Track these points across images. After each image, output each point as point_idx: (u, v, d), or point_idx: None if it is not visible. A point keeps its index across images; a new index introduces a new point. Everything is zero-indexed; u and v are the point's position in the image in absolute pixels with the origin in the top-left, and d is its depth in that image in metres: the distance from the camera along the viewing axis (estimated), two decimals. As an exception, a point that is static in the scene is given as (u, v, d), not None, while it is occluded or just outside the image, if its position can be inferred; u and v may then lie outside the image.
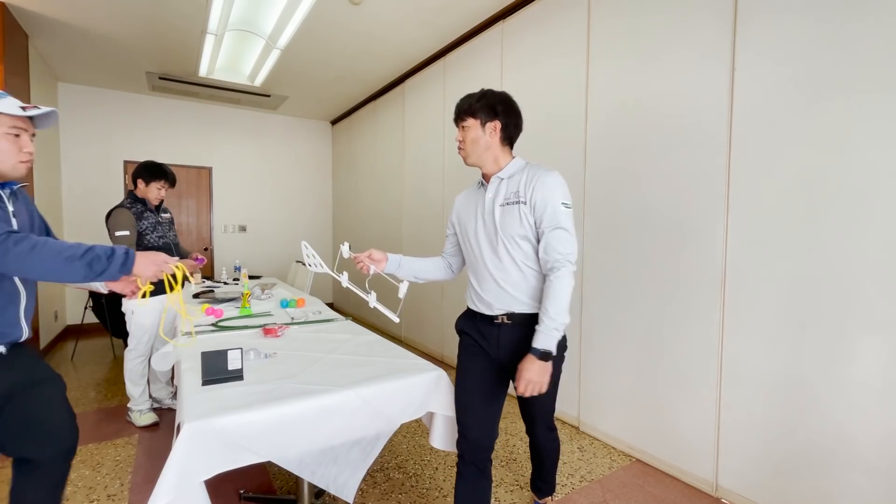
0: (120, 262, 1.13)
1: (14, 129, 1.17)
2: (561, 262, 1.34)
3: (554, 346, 1.29)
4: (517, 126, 1.46)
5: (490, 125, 1.41)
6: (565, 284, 1.32)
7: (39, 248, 1.06)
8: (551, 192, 1.35)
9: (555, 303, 1.30)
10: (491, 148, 1.44)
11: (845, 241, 1.59)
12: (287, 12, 3.14)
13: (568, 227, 1.37)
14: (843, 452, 1.60)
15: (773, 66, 1.77)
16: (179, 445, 1.13)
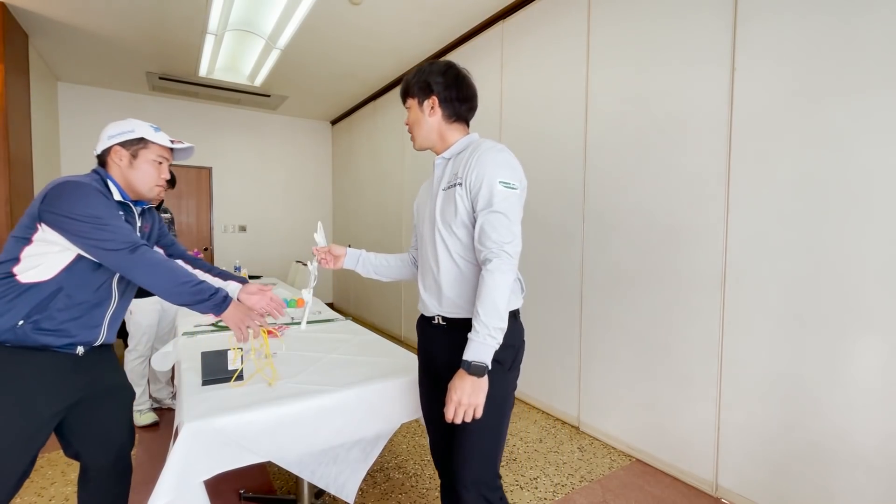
0: (215, 302, 1.26)
1: (160, 157, 1.32)
2: (494, 253, 1.07)
3: (488, 358, 1.03)
4: (463, 98, 1.25)
5: (427, 103, 1.24)
6: (499, 281, 1.05)
7: (165, 264, 1.20)
8: (487, 169, 1.11)
9: (486, 303, 1.04)
10: (435, 127, 1.26)
11: (845, 241, 1.59)
12: (287, 12, 3.14)
13: (506, 210, 1.09)
14: (844, 452, 1.60)
15: (773, 66, 1.77)
16: (179, 445, 1.13)
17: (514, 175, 1.14)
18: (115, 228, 1.16)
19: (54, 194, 1.15)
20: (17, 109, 3.38)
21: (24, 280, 1.16)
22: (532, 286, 2.96)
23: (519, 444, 2.46)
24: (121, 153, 1.28)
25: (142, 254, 1.17)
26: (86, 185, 1.18)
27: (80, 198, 1.16)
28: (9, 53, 3.17)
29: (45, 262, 1.16)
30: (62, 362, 1.21)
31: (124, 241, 1.16)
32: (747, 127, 1.85)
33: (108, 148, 1.28)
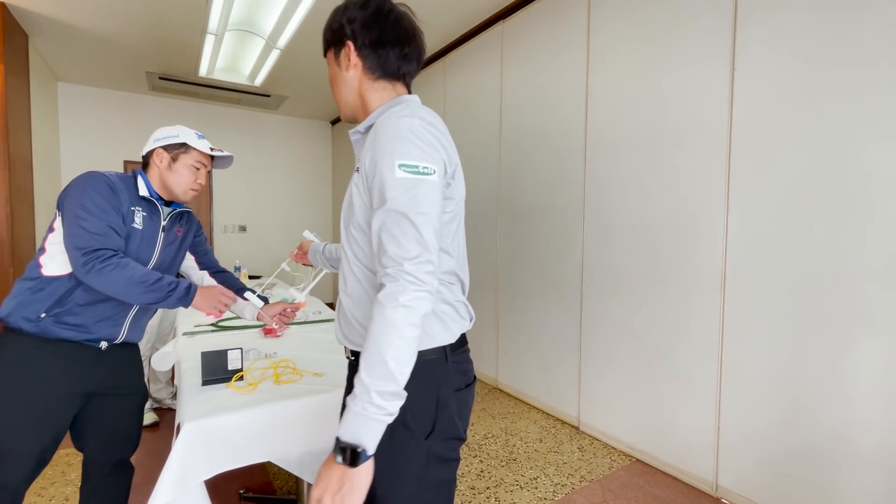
0: (179, 294, 1.24)
1: (199, 163, 1.36)
2: (389, 275, 0.72)
3: (369, 438, 0.69)
4: (391, 42, 0.87)
5: (343, 53, 0.89)
6: (390, 319, 0.69)
7: (118, 269, 1.15)
8: (382, 146, 0.76)
9: (369, 355, 0.70)
10: (356, 87, 0.90)
11: (845, 241, 1.59)
12: (287, 12, 3.13)
13: (408, 207, 0.73)
14: (844, 452, 1.60)
15: (773, 65, 1.77)
16: (179, 445, 1.13)
17: (425, 153, 0.76)
18: (90, 226, 1.15)
19: (72, 184, 1.20)
20: (17, 109, 3.38)
21: (47, 273, 1.19)
22: (532, 286, 2.96)
23: (519, 444, 2.46)
24: (162, 155, 1.33)
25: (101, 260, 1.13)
26: (95, 175, 1.21)
27: (80, 184, 1.19)
28: (9, 53, 3.17)
29: (61, 253, 1.19)
30: (84, 353, 1.24)
31: (85, 245, 1.14)
32: (747, 127, 1.85)
33: (153, 150, 1.35)
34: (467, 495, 1.98)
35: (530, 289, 2.98)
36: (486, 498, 1.97)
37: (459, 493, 2.00)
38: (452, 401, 0.85)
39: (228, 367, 1.44)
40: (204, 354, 1.44)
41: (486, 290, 3.37)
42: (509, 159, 3.12)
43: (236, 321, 2.29)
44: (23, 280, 1.21)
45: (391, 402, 0.69)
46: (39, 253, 1.22)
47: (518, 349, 3.10)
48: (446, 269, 0.87)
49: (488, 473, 2.16)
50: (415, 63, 0.92)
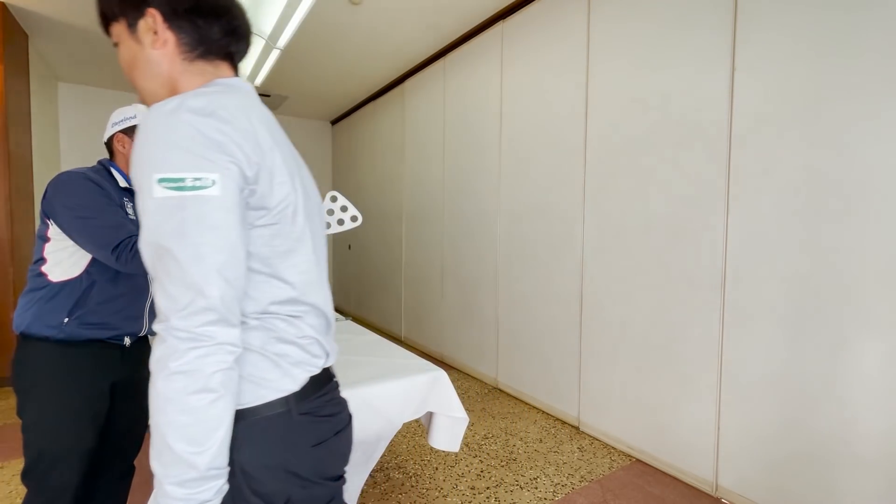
0: None
1: None
2: (159, 335, 0.58)
3: None
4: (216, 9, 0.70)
5: (143, 26, 0.68)
6: (164, 392, 0.57)
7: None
8: (136, 159, 0.58)
9: (153, 438, 0.62)
10: (165, 72, 0.69)
11: (845, 241, 1.59)
12: (287, 12, 3.13)
13: (171, 240, 0.56)
14: (844, 452, 1.60)
15: (773, 66, 1.77)
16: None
17: (195, 159, 0.56)
18: (102, 222, 1.14)
19: (49, 187, 1.17)
20: (17, 109, 3.38)
21: (56, 279, 1.17)
22: (532, 286, 2.96)
23: (519, 444, 2.46)
24: (123, 140, 1.28)
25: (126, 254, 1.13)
26: (74, 175, 1.19)
27: (66, 188, 1.16)
28: (9, 53, 3.17)
29: (67, 258, 1.18)
30: (111, 351, 1.25)
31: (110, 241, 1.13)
32: (747, 126, 1.85)
33: (112, 136, 1.30)
34: (467, 495, 1.98)
35: (530, 289, 2.98)
36: (486, 498, 1.97)
37: (459, 493, 2.00)
38: (309, 459, 0.69)
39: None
40: (204, 354, 1.43)
41: (486, 290, 3.37)
42: (509, 159, 3.12)
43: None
44: (30, 292, 1.19)
45: (198, 490, 0.56)
46: (39, 263, 1.19)
47: (518, 349, 3.10)
48: (281, 299, 0.67)
49: (488, 473, 2.16)
50: (244, 41, 0.75)
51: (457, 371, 3.69)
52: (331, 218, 1.41)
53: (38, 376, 1.17)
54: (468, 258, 3.54)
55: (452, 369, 3.73)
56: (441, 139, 3.86)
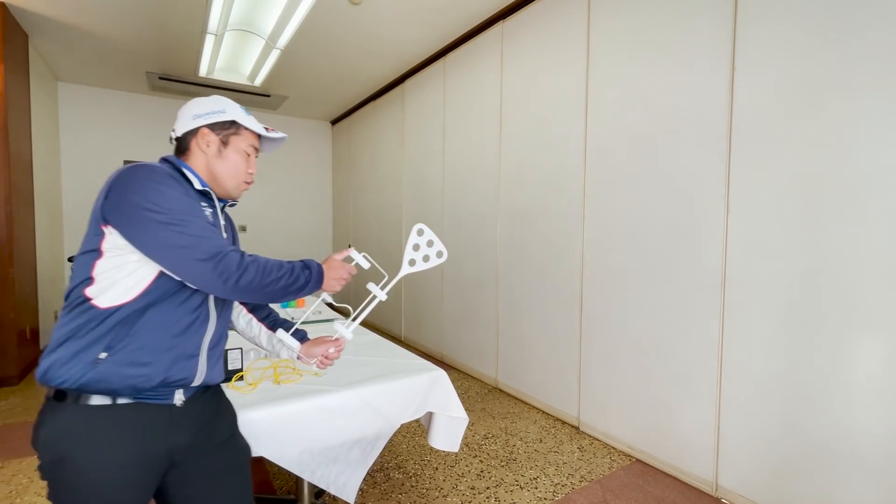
0: (314, 270, 1.03)
1: (251, 147, 1.08)
2: None
3: None
4: None
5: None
6: None
7: (256, 263, 0.94)
8: None
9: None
10: None
11: (845, 241, 1.59)
12: (287, 12, 3.14)
13: None
14: (844, 452, 1.60)
15: (773, 66, 1.77)
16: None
17: None
18: (195, 229, 0.90)
19: (119, 184, 0.89)
20: (17, 109, 3.38)
21: (104, 305, 0.88)
22: (532, 286, 2.96)
23: (519, 444, 2.46)
24: (209, 138, 1.03)
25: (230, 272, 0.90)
26: (153, 170, 0.92)
27: (144, 187, 0.88)
28: (9, 53, 3.17)
29: (124, 279, 0.90)
30: (156, 415, 0.93)
31: (210, 249, 0.89)
32: (747, 126, 1.85)
33: (195, 130, 1.03)
34: (467, 495, 1.98)
35: (530, 289, 2.98)
36: (486, 498, 1.97)
37: (459, 493, 2.00)
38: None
39: (228, 367, 1.44)
40: (204, 354, 1.43)
41: (486, 290, 3.37)
42: (509, 159, 3.12)
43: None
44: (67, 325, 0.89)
45: None
46: (84, 284, 0.89)
47: (518, 349, 3.10)
48: None
49: (488, 473, 2.16)
50: None
51: (457, 371, 3.69)
52: (416, 254, 1.19)
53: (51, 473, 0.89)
54: (468, 258, 3.54)
55: (452, 369, 3.73)
56: (441, 139, 3.86)
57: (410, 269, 1.18)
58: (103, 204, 0.88)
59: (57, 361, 0.86)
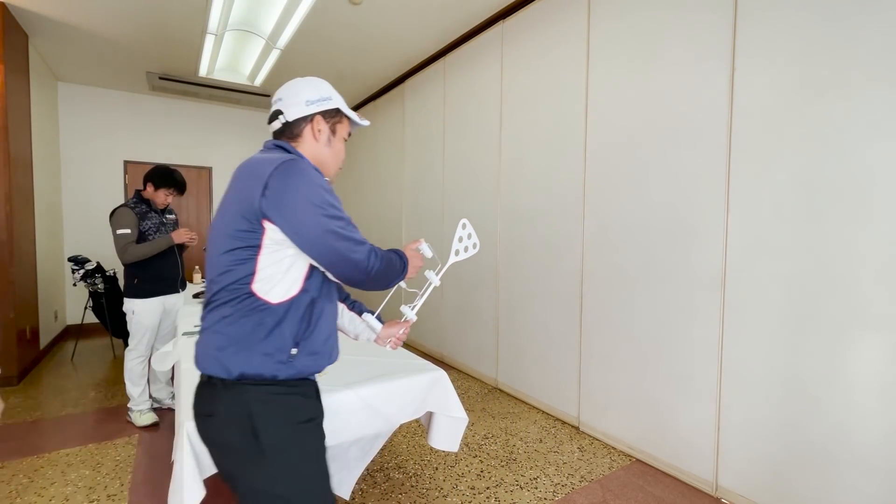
0: (403, 258, 1.09)
1: (348, 134, 1.12)
2: None
3: None
4: None
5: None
6: None
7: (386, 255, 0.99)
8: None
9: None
10: None
11: (845, 241, 1.59)
12: (287, 12, 3.14)
13: None
14: (844, 452, 1.60)
15: (772, 65, 1.77)
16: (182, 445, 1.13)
17: None
18: (352, 232, 0.94)
19: (280, 181, 0.88)
20: (17, 109, 3.38)
21: (276, 300, 0.92)
22: (532, 286, 2.96)
23: (519, 444, 2.46)
24: (321, 125, 1.03)
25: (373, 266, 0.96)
26: (308, 164, 0.94)
27: (305, 181, 0.90)
28: (9, 53, 3.17)
29: (285, 273, 0.93)
30: (313, 388, 1.03)
31: (360, 241, 0.94)
32: (747, 126, 1.85)
33: (310, 117, 1.02)
34: (467, 495, 1.98)
35: (530, 289, 2.98)
36: (486, 498, 1.97)
37: (459, 493, 2.00)
38: None
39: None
40: (204, 354, 1.43)
41: (486, 290, 3.37)
42: (509, 159, 3.12)
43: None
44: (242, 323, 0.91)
45: None
46: (246, 279, 0.91)
47: (518, 349, 3.10)
48: None
49: (488, 473, 2.16)
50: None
51: (457, 371, 3.69)
52: (460, 244, 1.27)
53: (278, 438, 0.90)
54: (468, 258, 3.53)
55: (452, 369, 3.72)
56: (441, 139, 3.86)
57: (456, 258, 1.29)
58: (261, 201, 0.88)
59: (249, 364, 0.90)
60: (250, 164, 0.94)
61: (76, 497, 1.94)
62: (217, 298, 0.93)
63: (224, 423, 0.90)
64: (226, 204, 0.95)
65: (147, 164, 5.08)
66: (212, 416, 0.92)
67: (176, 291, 2.67)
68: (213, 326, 0.93)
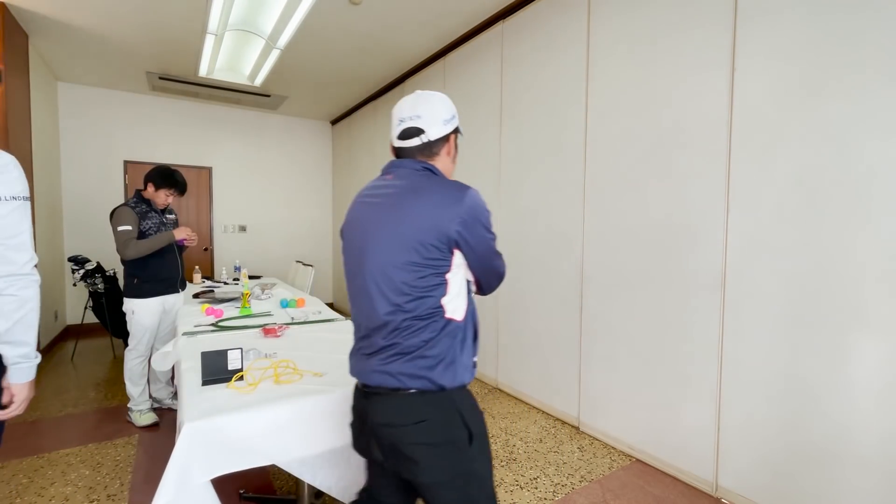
0: None
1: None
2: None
3: None
4: None
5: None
6: None
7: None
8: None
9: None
10: None
11: (845, 241, 1.59)
12: (287, 12, 3.14)
13: None
14: (844, 452, 1.60)
15: (772, 65, 1.77)
16: (181, 445, 1.13)
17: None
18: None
19: (473, 211, 0.97)
20: (17, 109, 3.38)
21: (458, 318, 1.01)
22: (532, 286, 2.96)
23: (519, 444, 2.46)
24: (453, 144, 1.10)
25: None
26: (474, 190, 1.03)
27: (483, 208, 1.01)
28: (9, 53, 3.17)
29: (461, 290, 1.02)
30: None
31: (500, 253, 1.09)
32: (747, 127, 1.85)
33: (447, 136, 1.07)
34: (467, 495, 1.98)
35: (530, 288, 2.98)
36: (486, 498, 1.96)
37: (459, 493, 2.00)
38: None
39: (228, 367, 1.44)
40: (204, 354, 1.44)
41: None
42: (509, 159, 3.12)
43: (237, 321, 2.29)
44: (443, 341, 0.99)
45: None
46: (440, 302, 0.98)
47: (518, 349, 3.10)
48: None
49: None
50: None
51: (457, 371, 3.68)
52: None
53: (477, 427, 1.03)
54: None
55: (452, 369, 3.72)
56: (441, 139, 3.85)
57: None
58: (458, 231, 0.96)
59: (455, 377, 1.00)
60: (425, 192, 0.99)
61: (76, 497, 1.94)
62: (410, 325, 0.98)
63: (441, 424, 1.00)
64: (395, 234, 0.97)
65: (147, 164, 5.08)
66: (425, 422, 0.99)
67: (176, 291, 2.67)
68: (416, 351, 0.98)
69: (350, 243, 1.08)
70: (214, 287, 3.46)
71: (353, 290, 1.08)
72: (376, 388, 1.01)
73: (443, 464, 0.99)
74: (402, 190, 1.00)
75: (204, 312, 2.40)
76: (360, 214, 1.06)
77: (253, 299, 2.88)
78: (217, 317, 2.33)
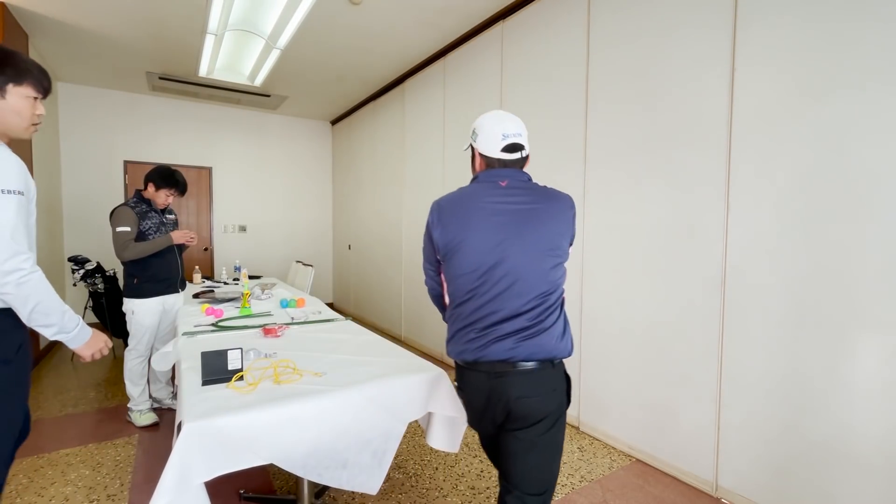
0: None
1: None
2: None
3: None
4: None
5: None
6: None
7: None
8: None
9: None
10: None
11: (845, 241, 1.59)
12: (287, 12, 3.14)
13: None
14: (844, 452, 1.60)
15: (772, 65, 1.77)
16: (180, 445, 1.13)
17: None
18: None
19: (572, 208, 1.32)
20: (17, 109, 3.37)
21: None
22: (532, 286, 2.96)
23: (519, 444, 2.46)
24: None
25: None
26: None
27: None
28: (9, 53, 3.16)
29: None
30: None
31: None
32: (747, 127, 1.85)
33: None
34: (467, 495, 1.98)
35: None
36: (486, 498, 1.97)
37: (459, 493, 2.00)
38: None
39: (228, 367, 1.44)
40: (204, 354, 1.43)
41: (486, 290, 3.36)
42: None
43: (237, 321, 2.29)
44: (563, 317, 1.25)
45: None
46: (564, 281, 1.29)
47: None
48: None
49: (488, 473, 2.16)
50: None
51: (457, 371, 3.68)
52: None
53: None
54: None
55: (452, 369, 3.72)
56: (441, 139, 3.86)
57: None
58: (573, 229, 1.32)
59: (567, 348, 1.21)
60: (553, 198, 1.28)
61: (76, 497, 1.94)
62: (555, 306, 1.20)
63: (562, 392, 1.21)
64: (536, 229, 1.20)
65: (147, 164, 5.08)
66: (555, 391, 1.19)
67: (175, 291, 2.67)
68: (565, 328, 1.22)
69: (481, 243, 1.19)
70: (214, 287, 3.46)
71: (486, 282, 1.18)
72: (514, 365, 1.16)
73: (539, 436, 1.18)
74: (532, 198, 1.23)
75: (204, 312, 2.40)
76: (492, 217, 1.19)
77: (253, 299, 2.88)
78: (217, 317, 2.33)
